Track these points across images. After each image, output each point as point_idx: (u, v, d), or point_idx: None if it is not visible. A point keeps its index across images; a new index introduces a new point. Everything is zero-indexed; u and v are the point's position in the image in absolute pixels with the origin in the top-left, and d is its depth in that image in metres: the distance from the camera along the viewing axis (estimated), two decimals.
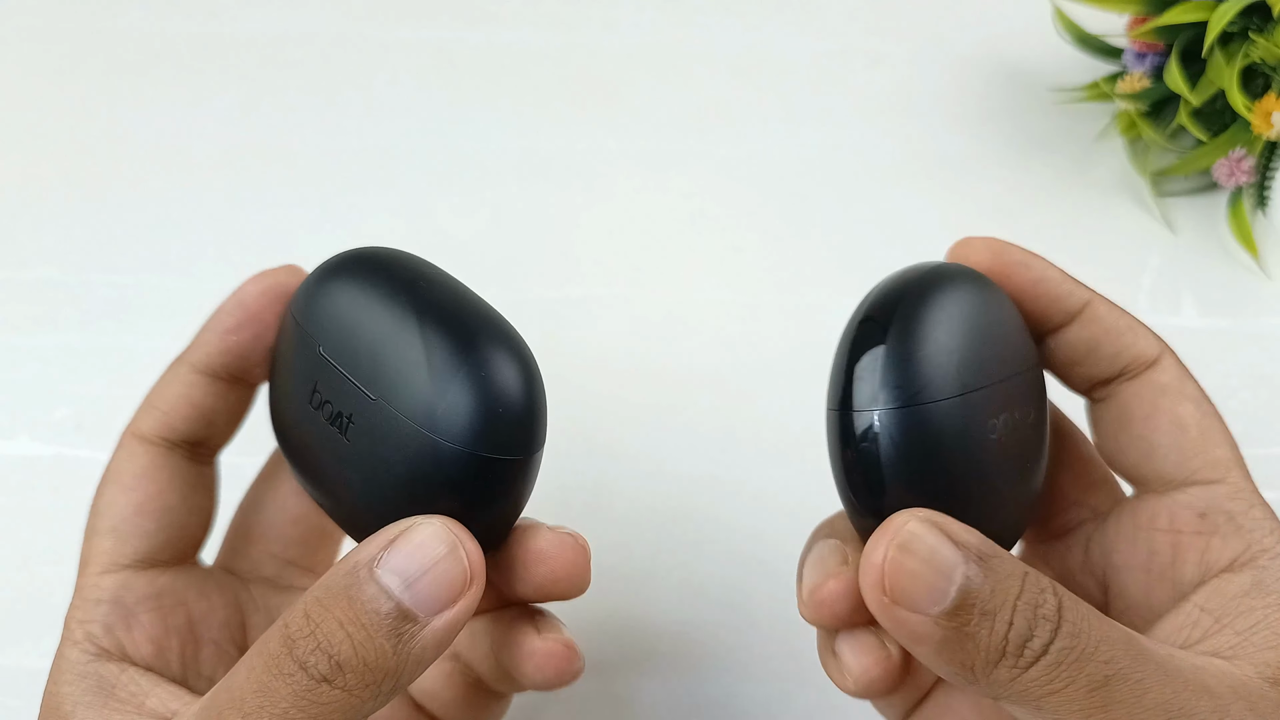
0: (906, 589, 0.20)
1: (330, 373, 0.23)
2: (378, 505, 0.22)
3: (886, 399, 0.22)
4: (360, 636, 0.20)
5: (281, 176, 0.45)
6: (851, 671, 0.24)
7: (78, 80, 0.48)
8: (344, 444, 0.23)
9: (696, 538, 0.36)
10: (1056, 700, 0.20)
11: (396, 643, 0.20)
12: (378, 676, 0.20)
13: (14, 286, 0.42)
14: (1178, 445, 0.24)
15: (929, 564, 0.20)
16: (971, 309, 0.23)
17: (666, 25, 0.49)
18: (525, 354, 0.23)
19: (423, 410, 0.22)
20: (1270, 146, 0.41)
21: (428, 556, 0.21)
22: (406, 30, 0.49)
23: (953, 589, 0.20)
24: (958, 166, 0.44)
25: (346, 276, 0.24)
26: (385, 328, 0.23)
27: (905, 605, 0.20)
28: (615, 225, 0.43)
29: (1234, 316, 0.40)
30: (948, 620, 0.20)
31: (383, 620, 0.20)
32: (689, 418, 0.38)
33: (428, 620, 0.20)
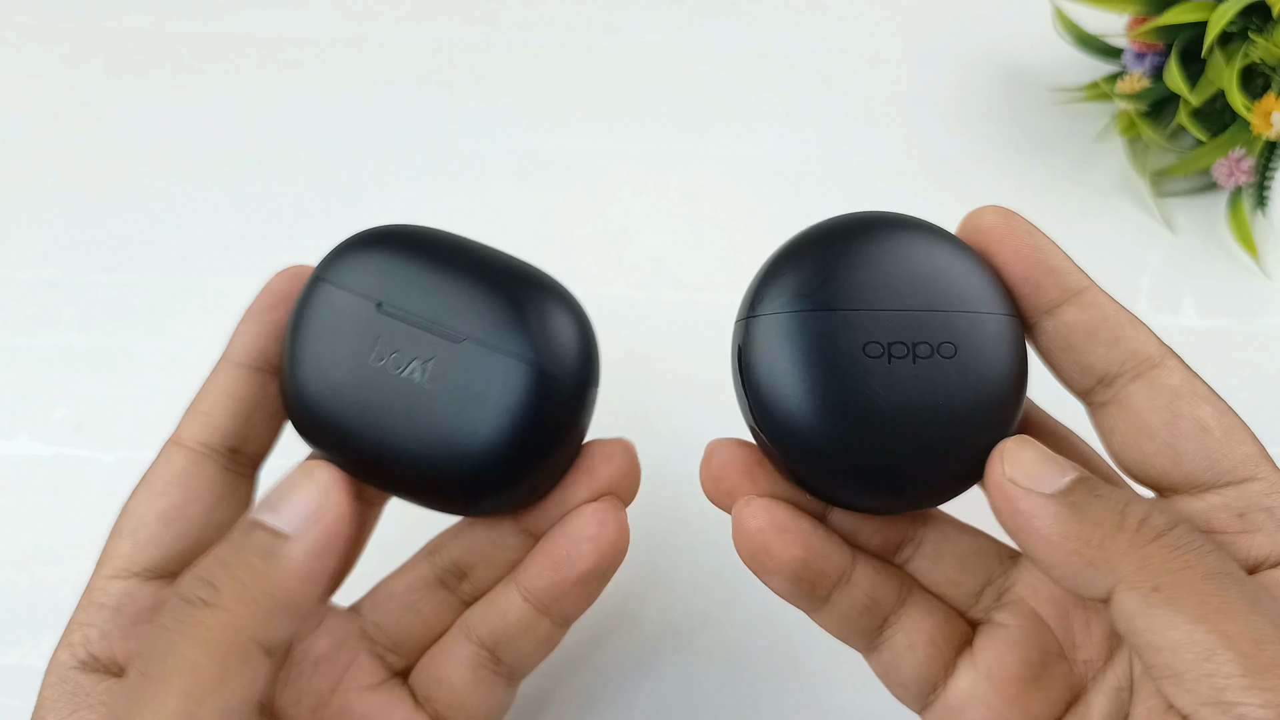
0: (1024, 467, 0.22)
1: (396, 328, 0.25)
2: (467, 437, 0.24)
3: (740, 311, 0.25)
4: (232, 559, 0.22)
5: (281, 176, 0.45)
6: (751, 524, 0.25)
7: (78, 80, 0.48)
8: (422, 389, 0.24)
9: (697, 537, 0.36)
10: (1175, 580, 0.20)
11: (267, 558, 0.22)
12: (253, 593, 0.21)
13: (14, 286, 0.42)
14: (1204, 448, 0.23)
15: (1043, 455, 0.23)
16: (880, 244, 0.24)
17: (666, 25, 0.49)
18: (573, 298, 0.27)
19: (519, 344, 0.24)
20: (1270, 146, 0.41)
21: (291, 485, 0.23)
22: (406, 30, 0.49)
23: (1067, 476, 0.22)
24: (958, 166, 0.44)
25: (386, 243, 0.26)
26: (451, 278, 0.25)
27: (1024, 483, 0.22)
28: (615, 225, 0.43)
29: (1234, 316, 0.40)
30: (1064, 496, 0.21)
31: (251, 541, 0.22)
32: (689, 418, 0.38)
33: (296, 535, 0.22)
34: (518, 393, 0.24)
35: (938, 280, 0.24)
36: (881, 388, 0.23)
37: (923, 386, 0.23)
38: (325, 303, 0.25)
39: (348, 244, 0.26)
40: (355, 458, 0.25)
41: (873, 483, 0.24)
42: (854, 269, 0.24)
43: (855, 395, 0.23)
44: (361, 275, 0.25)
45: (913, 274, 0.24)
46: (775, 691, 0.34)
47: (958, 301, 0.24)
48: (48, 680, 0.24)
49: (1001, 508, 0.22)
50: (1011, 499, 0.22)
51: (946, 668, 0.26)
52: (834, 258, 0.24)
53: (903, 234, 0.25)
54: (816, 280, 0.24)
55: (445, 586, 0.28)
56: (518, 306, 0.25)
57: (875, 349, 0.24)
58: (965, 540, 0.27)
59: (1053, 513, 0.21)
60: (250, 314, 0.27)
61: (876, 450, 0.24)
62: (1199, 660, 0.19)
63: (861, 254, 0.24)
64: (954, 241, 0.25)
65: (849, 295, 0.24)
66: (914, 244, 0.25)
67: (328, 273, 0.26)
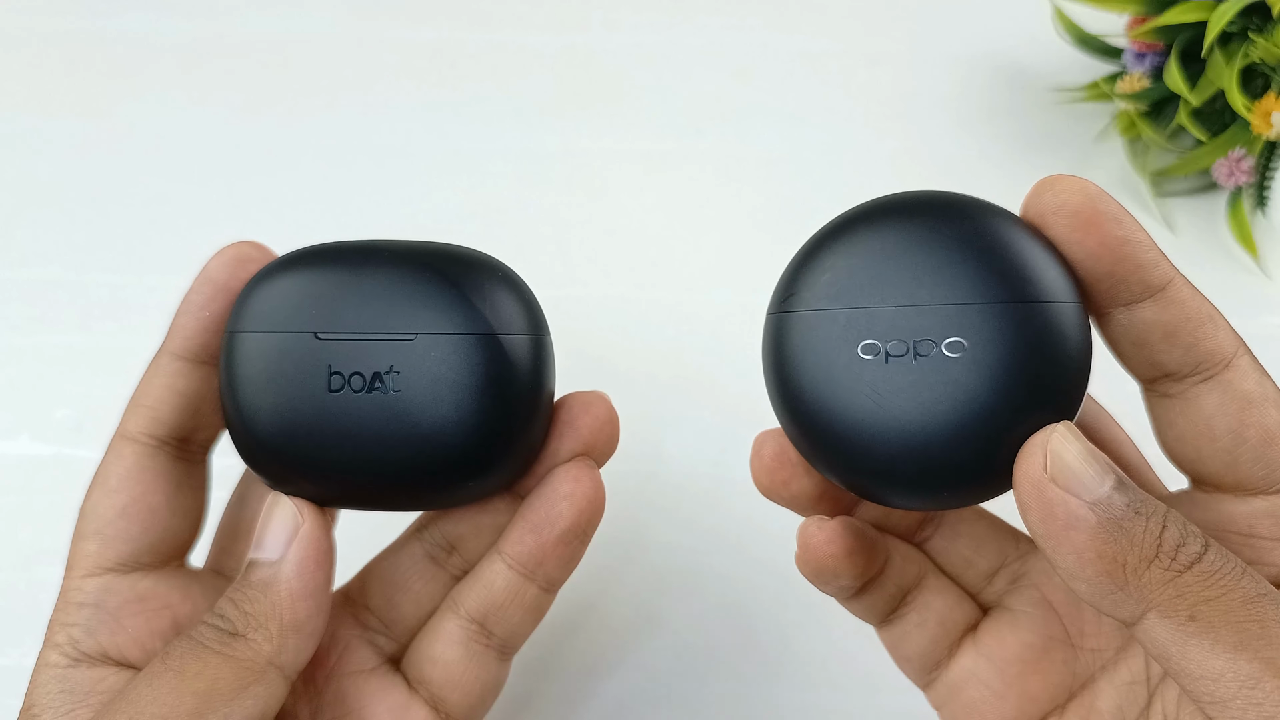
0: (1067, 467, 0.21)
1: (342, 348, 0.24)
2: (453, 422, 0.24)
3: (769, 305, 0.24)
4: (239, 595, 0.24)
5: (281, 176, 0.45)
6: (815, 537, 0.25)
7: (78, 80, 0.48)
8: (392, 398, 0.24)
9: (697, 536, 0.36)
10: (1211, 609, 0.19)
11: (265, 587, 0.24)
12: (263, 620, 0.24)
13: (14, 286, 0.42)
14: (1265, 457, 0.23)
15: (1087, 453, 0.21)
16: (921, 231, 0.23)
17: (666, 25, 0.49)
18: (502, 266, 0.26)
19: (469, 320, 0.24)
20: (1270, 146, 0.41)
21: (266, 519, 0.25)
22: (406, 30, 0.49)
23: (1107, 483, 0.20)
24: (957, 166, 0.44)
25: (287, 272, 0.25)
26: (370, 281, 0.25)
27: (1063, 485, 0.20)
28: (615, 225, 0.43)
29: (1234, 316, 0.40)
30: (1103, 509, 0.20)
31: (250, 577, 0.24)
32: (689, 418, 0.38)
33: (282, 558, 0.24)
34: (488, 364, 0.24)
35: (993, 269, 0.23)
36: (898, 388, 0.22)
37: (949, 384, 0.22)
38: (256, 353, 0.25)
39: (251, 287, 0.25)
40: (348, 491, 0.25)
41: (902, 486, 0.23)
42: (890, 260, 0.23)
43: (874, 396, 0.23)
44: (283, 307, 0.25)
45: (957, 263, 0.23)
46: (779, 692, 0.34)
47: (1012, 291, 0.22)
48: (37, 681, 0.24)
49: (1034, 507, 0.21)
50: (1049, 503, 0.20)
51: (952, 647, 0.27)
52: (868, 249, 0.23)
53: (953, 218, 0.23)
54: (844, 274, 0.23)
55: (435, 562, 0.28)
56: (452, 285, 0.25)
57: (899, 347, 0.23)
58: (982, 523, 0.27)
59: (1091, 528, 0.20)
60: (187, 308, 0.26)
61: (902, 453, 0.23)
62: (1244, 688, 0.19)
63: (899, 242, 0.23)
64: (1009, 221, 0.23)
65: (877, 291, 0.23)
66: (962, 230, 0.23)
67: (243, 324, 0.25)
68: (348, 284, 0.25)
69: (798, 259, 0.24)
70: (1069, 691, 0.26)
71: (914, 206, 0.24)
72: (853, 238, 0.24)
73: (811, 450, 0.24)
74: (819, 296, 0.23)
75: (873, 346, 0.23)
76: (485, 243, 0.45)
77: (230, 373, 0.25)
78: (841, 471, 0.24)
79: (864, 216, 0.24)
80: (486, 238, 0.43)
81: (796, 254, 0.24)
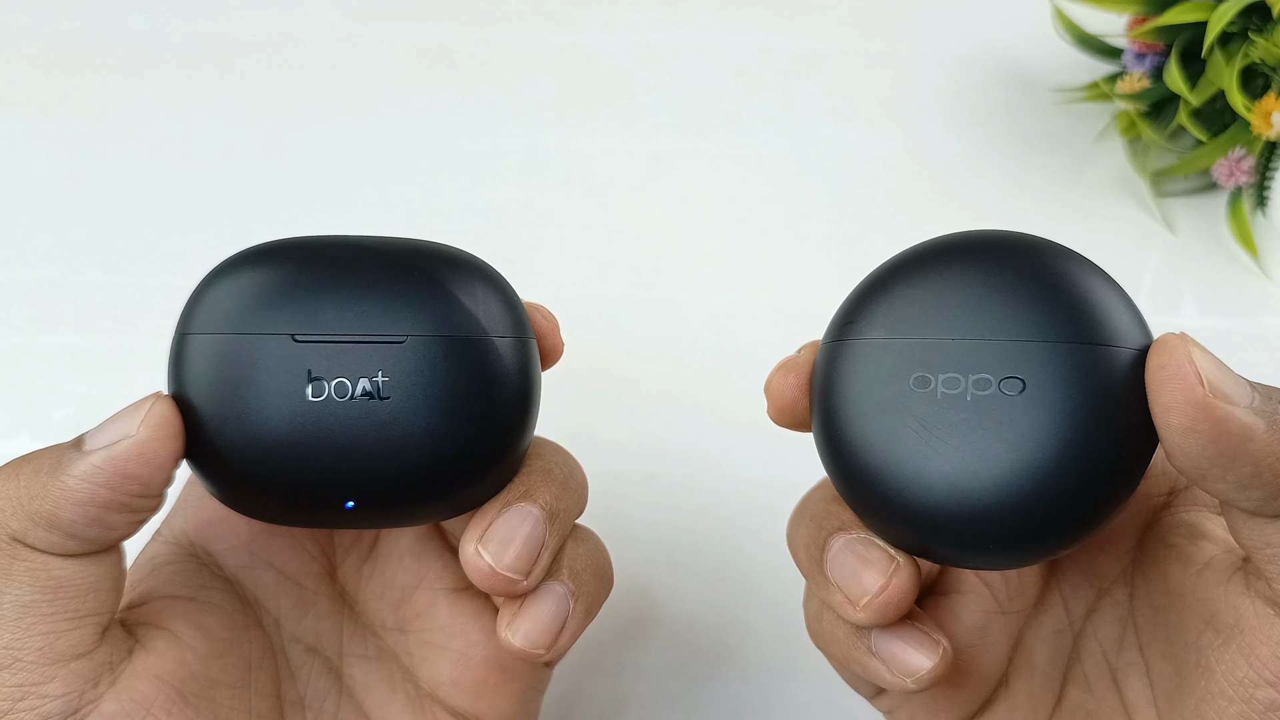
0: (1223, 380, 0.20)
1: (326, 350, 0.22)
2: (447, 426, 0.23)
3: (825, 334, 0.24)
4: (32, 457, 0.22)
5: (281, 176, 0.45)
6: (911, 671, 0.23)
7: (78, 80, 0.48)
8: (381, 405, 0.22)
9: (697, 536, 0.36)
10: None
11: (53, 466, 0.22)
12: (25, 490, 0.22)
13: (14, 286, 0.42)
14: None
15: (1221, 363, 0.20)
16: (987, 268, 0.22)
17: (666, 25, 0.49)
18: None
19: (463, 322, 0.23)
20: (1270, 146, 0.41)
21: (120, 413, 0.22)
22: (407, 30, 0.49)
23: (1246, 384, 0.20)
24: (958, 166, 0.44)
25: (256, 266, 0.23)
26: (354, 280, 0.23)
27: (1223, 397, 0.19)
28: (615, 225, 0.43)
29: (1234, 316, 0.40)
30: (1261, 411, 0.19)
31: (56, 448, 0.22)
32: (689, 417, 0.38)
33: (88, 449, 0.22)
34: (488, 366, 0.23)
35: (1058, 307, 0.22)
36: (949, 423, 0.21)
37: (1002, 424, 0.21)
38: (222, 355, 0.22)
39: (213, 280, 0.23)
40: (337, 516, 0.24)
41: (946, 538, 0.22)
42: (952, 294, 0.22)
43: (920, 431, 0.22)
44: (255, 308, 0.23)
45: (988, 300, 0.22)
46: (778, 692, 0.34)
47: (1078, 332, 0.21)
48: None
49: (1203, 429, 0.19)
50: (1222, 421, 0.19)
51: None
52: (931, 284, 0.23)
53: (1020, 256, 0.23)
54: (904, 305, 0.23)
55: None
56: (439, 285, 0.23)
57: (953, 381, 0.22)
58: None
59: (1263, 433, 0.19)
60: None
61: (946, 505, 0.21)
62: None
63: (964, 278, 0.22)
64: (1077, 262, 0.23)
65: (935, 323, 0.22)
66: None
67: (218, 322, 0.23)
68: (324, 281, 0.23)
69: (860, 290, 0.24)
70: (1008, 658, 0.26)
71: (982, 245, 0.23)
72: (917, 273, 0.23)
73: (850, 486, 0.23)
74: (875, 326, 0.23)
75: (924, 379, 0.22)
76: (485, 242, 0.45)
77: (177, 380, 0.23)
78: (882, 520, 0.23)
79: (931, 253, 0.23)
80: (486, 237, 0.44)
81: (859, 285, 0.24)
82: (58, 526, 0.21)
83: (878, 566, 0.22)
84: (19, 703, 0.21)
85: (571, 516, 0.26)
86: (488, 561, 0.23)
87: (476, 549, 0.23)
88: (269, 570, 0.26)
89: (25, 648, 0.21)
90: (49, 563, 0.22)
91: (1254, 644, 0.20)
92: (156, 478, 0.22)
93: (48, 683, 0.21)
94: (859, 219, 0.43)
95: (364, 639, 0.27)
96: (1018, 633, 0.26)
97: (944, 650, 0.23)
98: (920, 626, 0.23)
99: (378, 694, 0.27)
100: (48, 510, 0.21)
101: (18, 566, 0.21)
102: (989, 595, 0.26)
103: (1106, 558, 0.25)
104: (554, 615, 0.24)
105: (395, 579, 0.27)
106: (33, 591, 0.21)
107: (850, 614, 0.23)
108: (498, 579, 0.23)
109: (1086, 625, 0.25)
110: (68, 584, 0.22)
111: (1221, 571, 0.22)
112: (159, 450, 0.22)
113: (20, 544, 0.21)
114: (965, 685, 0.26)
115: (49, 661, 0.21)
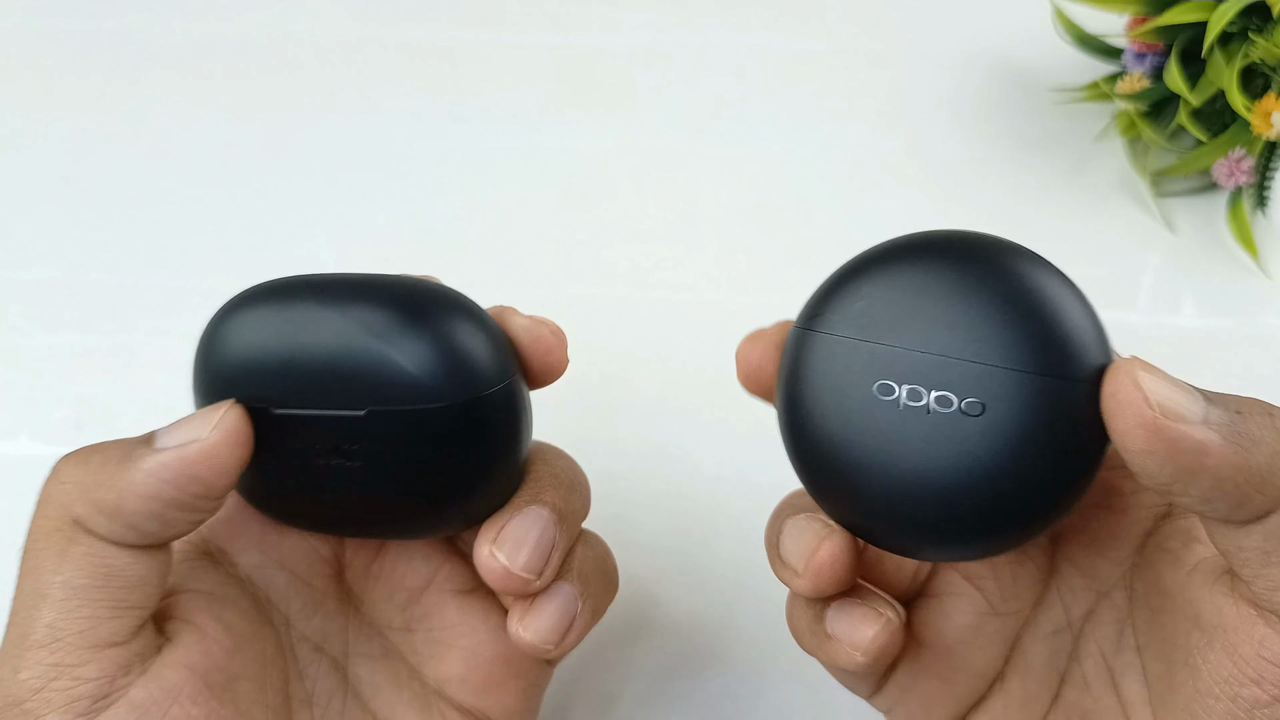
0: (1172, 399, 0.20)
1: (297, 422, 0.23)
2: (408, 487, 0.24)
3: (797, 318, 0.24)
4: (100, 448, 0.23)
5: (281, 176, 0.45)
6: (858, 644, 0.24)
7: (78, 80, 0.48)
8: (355, 469, 0.24)
9: (698, 535, 0.36)
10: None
11: (122, 459, 0.22)
12: (92, 478, 0.22)
13: (14, 286, 0.42)
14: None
15: (1171, 379, 0.20)
16: (966, 278, 0.22)
17: (666, 25, 0.49)
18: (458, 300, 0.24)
19: (423, 387, 0.23)
20: (1270, 146, 0.41)
21: (191, 415, 0.23)
22: (407, 31, 0.49)
23: (1199, 398, 0.20)
24: (957, 166, 0.44)
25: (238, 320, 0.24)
26: (317, 341, 0.23)
27: (1175, 417, 0.20)
28: (615, 225, 0.43)
29: (1234, 316, 0.40)
30: (1217, 425, 0.20)
31: (127, 442, 0.23)
32: (689, 417, 0.38)
33: (159, 447, 0.22)
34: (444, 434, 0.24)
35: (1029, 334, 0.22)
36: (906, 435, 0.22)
37: (958, 442, 0.22)
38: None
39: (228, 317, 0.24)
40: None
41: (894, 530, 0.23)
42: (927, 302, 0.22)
43: (880, 438, 0.22)
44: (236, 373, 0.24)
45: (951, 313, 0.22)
46: (778, 692, 0.34)
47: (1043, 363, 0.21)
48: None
49: (1158, 450, 0.20)
50: (1175, 440, 0.20)
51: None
52: (907, 285, 0.22)
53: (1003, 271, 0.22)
54: (878, 306, 0.23)
55: None
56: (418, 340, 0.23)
57: (915, 394, 0.22)
58: None
59: (1220, 445, 0.20)
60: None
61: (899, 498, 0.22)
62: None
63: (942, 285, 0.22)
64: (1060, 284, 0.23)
65: (906, 332, 0.22)
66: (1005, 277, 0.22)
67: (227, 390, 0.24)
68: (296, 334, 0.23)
69: (835, 278, 0.24)
70: (1004, 657, 0.26)
71: (965, 249, 0.23)
72: (895, 269, 0.23)
73: (808, 476, 0.24)
74: (847, 323, 0.23)
75: (888, 388, 0.22)
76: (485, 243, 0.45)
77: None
78: (835, 504, 0.24)
79: (911, 249, 0.23)
80: (486, 237, 0.44)
81: (835, 272, 0.24)
82: (119, 517, 0.22)
83: (815, 534, 0.24)
84: (52, 681, 0.21)
85: (579, 519, 0.27)
86: (502, 563, 0.24)
87: (491, 551, 0.24)
88: (280, 570, 0.27)
89: (68, 629, 0.21)
90: (106, 550, 0.22)
91: (1237, 643, 0.21)
92: (220, 482, 0.23)
93: (83, 665, 0.21)
94: (859, 219, 0.43)
95: (369, 638, 0.28)
96: (1015, 633, 0.26)
97: (886, 620, 0.24)
98: (866, 601, 0.24)
99: (384, 692, 0.27)
100: (112, 500, 0.22)
101: (75, 550, 0.22)
102: (981, 597, 0.27)
103: (1106, 562, 0.25)
104: (563, 614, 0.25)
105: (404, 581, 0.28)
106: (85, 576, 0.22)
107: (796, 585, 0.24)
108: (512, 579, 0.24)
109: (1085, 627, 0.25)
110: (119, 574, 0.22)
111: (1209, 574, 0.22)
112: (226, 456, 0.23)
113: (81, 528, 0.22)
114: (958, 682, 0.26)
115: (88, 645, 0.22)
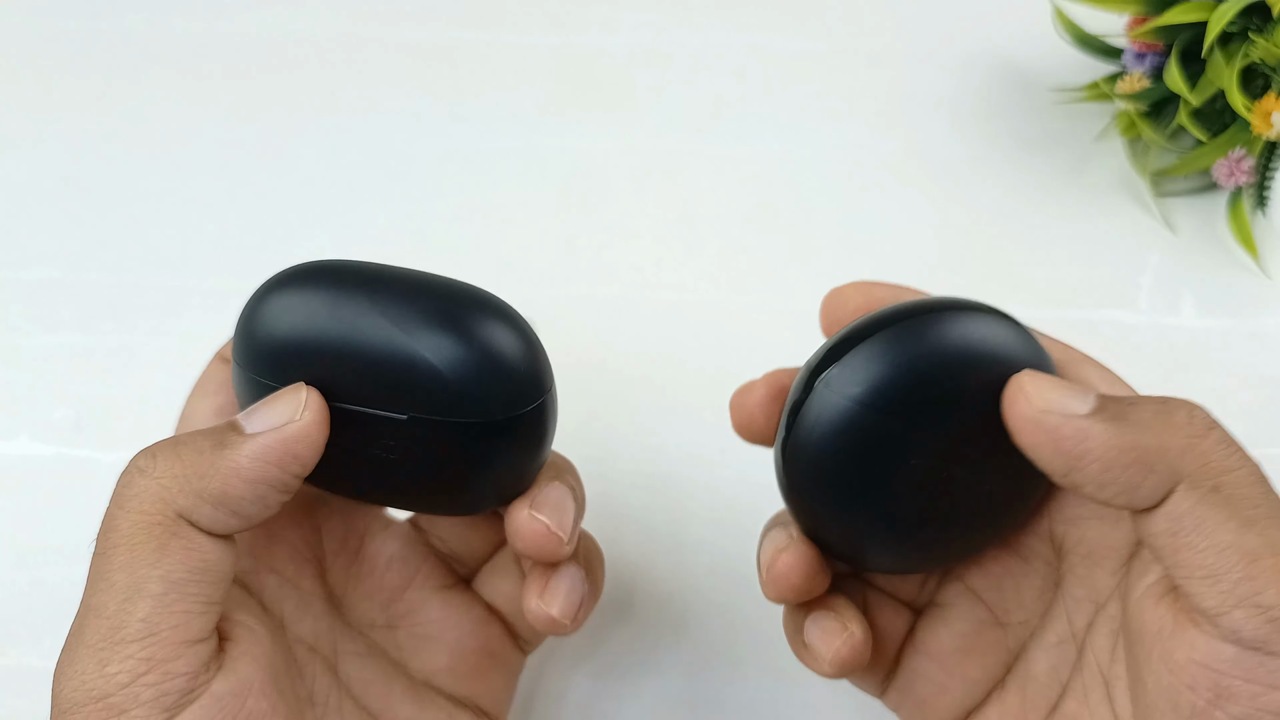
0: (1049, 395, 0.22)
1: (348, 416, 0.24)
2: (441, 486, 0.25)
3: (816, 363, 0.24)
4: (188, 439, 0.23)
5: (281, 176, 0.45)
6: (823, 655, 0.25)
7: (78, 80, 0.48)
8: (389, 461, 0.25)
9: (699, 534, 0.36)
10: (1233, 480, 0.20)
11: (217, 445, 0.23)
12: (189, 469, 0.22)
13: (14, 286, 0.42)
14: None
15: (1058, 380, 0.22)
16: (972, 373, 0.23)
17: (666, 25, 0.49)
18: (503, 312, 0.25)
19: (466, 402, 0.24)
20: (1270, 146, 0.41)
21: (274, 397, 0.24)
22: (407, 30, 0.49)
23: (1090, 395, 0.22)
24: (957, 166, 0.44)
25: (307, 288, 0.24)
26: (371, 341, 0.24)
27: (1057, 410, 0.21)
28: (615, 225, 0.43)
29: (1234, 316, 0.40)
30: (1101, 412, 0.21)
31: (214, 430, 0.23)
32: (690, 417, 0.38)
33: (253, 434, 0.23)
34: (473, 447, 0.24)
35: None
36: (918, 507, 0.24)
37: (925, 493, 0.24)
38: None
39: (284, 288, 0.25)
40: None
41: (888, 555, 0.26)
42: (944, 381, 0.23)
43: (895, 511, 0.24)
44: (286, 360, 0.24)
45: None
46: (778, 691, 0.34)
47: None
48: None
49: (1043, 441, 0.21)
50: (1055, 428, 0.21)
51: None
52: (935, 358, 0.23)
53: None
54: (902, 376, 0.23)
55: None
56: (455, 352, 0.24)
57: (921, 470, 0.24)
58: None
59: (1101, 429, 0.21)
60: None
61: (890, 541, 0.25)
62: (1243, 564, 0.20)
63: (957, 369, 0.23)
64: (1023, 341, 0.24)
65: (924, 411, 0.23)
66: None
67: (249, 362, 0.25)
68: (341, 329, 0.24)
69: (850, 339, 0.24)
70: (1005, 666, 0.27)
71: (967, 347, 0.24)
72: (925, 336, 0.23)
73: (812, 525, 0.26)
74: (863, 390, 0.23)
75: (906, 465, 0.24)
76: (485, 242, 0.45)
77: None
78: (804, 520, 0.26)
79: (933, 322, 0.24)
80: (487, 237, 0.44)
81: (851, 332, 0.24)
82: (225, 503, 0.22)
83: (777, 544, 0.25)
84: (142, 676, 0.21)
85: (582, 504, 0.27)
86: (544, 522, 0.25)
87: (531, 513, 0.25)
88: (271, 574, 0.27)
89: (163, 624, 0.21)
90: (203, 544, 0.22)
91: (1171, 649, 0.21)
92: (314, 460, 0.23)
93: (175, 660, 0.21)
94: (859, 219, 0.43)
95: (354, 637, 0.28)
96: (1021, 643, 0.27)
97: (849, 635, 0.25)
98: (835, 615, 0.26)
99: (375, 687, 0.27)
100: (217, 487, 0.22)
101: (174, 544, 0.22)
102: (984, 608, 0.27)
103: (1103, 573, 0.25)
104: (576, 591, 0.26)
105: (384, 580, 0.28)
106: (184, 570, 0.22)
107: (764, 590, 0.26)
108: (551, 538, 0.25)
109: (1088, 638, 0.26)
110: (213, 569, 0.22)
111: (1155, 586, 0.22)
112: (318, 435, 0.23)
113: (184, 521, 0.22)
114: (952, 688, 0.27)
115: (181, 640, 0.21)
